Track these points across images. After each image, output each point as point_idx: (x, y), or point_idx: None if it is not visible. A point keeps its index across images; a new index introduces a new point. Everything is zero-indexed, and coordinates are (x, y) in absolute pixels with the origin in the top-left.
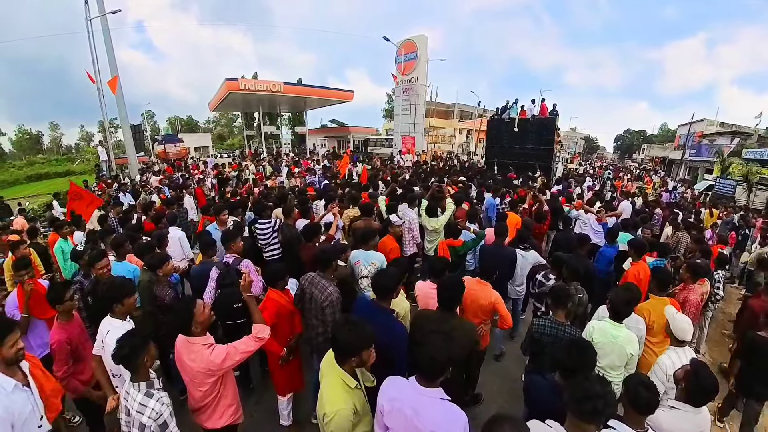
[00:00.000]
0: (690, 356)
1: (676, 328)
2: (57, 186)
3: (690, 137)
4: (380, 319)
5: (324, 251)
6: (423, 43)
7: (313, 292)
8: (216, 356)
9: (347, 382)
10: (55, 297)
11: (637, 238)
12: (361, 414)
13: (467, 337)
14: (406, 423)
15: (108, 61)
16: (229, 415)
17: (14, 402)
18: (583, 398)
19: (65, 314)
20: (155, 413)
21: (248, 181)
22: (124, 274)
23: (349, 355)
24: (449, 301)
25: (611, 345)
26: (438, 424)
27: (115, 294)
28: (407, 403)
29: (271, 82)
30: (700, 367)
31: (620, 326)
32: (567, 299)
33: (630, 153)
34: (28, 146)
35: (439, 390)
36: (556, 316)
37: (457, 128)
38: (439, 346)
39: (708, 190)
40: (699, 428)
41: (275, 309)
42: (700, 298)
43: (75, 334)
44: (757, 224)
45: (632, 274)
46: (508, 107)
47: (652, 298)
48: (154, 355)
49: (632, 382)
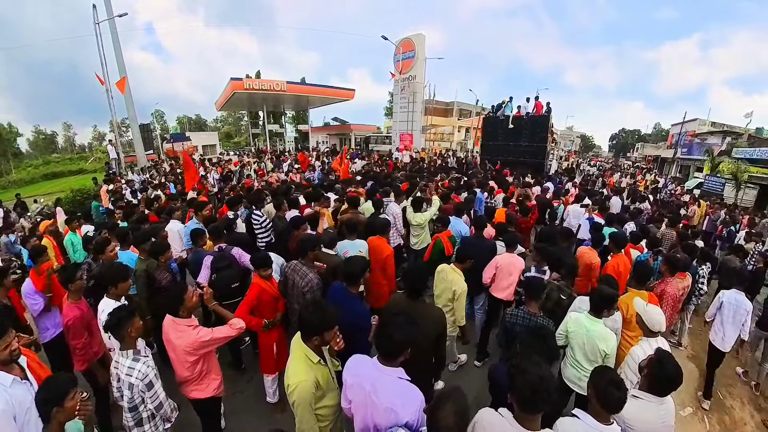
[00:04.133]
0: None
1: (648, 319)
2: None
3: (682, 136)
4: (348, 303)
5: (301, 241)
6: (421, 42)
7: (295, 278)
8: (201, 336)
9: (310, 357)
10: (67, 277)
11: (619, 231)
12: (324, 388)
13: (434, 322)
14: (365, 397)
15: (117, 63)
16: (213, 388)
17: (14, 395)
18: (525, 389)
19: (75, 293)
20: (142, 374)
21: (250, 177)
22: (126, 261)
23: (311, 334)
24: (415, 288)
25: (584, 337)
26: (393, 401)
27: (111, 277)
28: (367, 379)
29: (274, 82)
30: (664, 355)
31: (597, 321)
32: (540, 291)
33: (625, 152)
34: (43, 146)
35: (398, 370)
36: (529, 307)
37: (455, 126)
38: (399, 328)
39: (698, 187)
40: (662, 419)
41: (257, 292)
42: (682, 292)
43: (85, 310)
44: (744, 221)
45: (612, 267)
46: (503, 105)
47: (630, 291)
48: (139, 328)
49: (602, 382)
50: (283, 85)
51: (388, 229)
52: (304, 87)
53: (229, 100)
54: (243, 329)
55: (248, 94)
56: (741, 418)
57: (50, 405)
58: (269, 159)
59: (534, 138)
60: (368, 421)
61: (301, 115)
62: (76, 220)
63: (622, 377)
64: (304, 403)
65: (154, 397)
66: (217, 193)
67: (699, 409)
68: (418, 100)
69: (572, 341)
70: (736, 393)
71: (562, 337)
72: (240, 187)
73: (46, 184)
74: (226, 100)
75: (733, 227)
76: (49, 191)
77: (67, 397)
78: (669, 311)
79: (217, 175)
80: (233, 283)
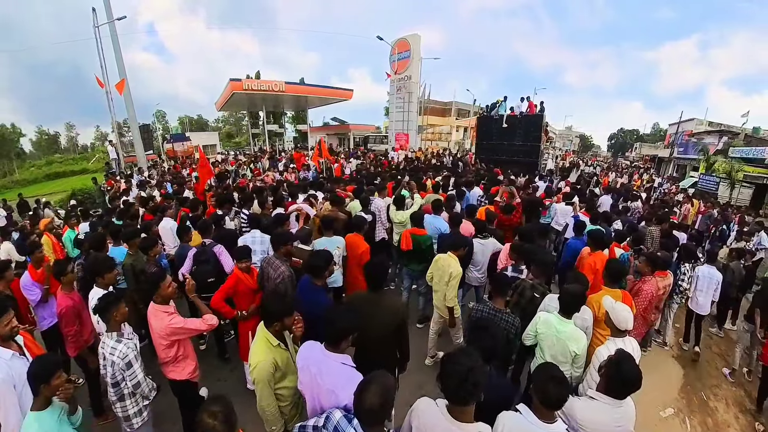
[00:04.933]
0: (632, 348)
1: (616, 317)
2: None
3: (679, 136)
4: (312, 294)
5: (274, 235)
6: (416, 42)
7: (269, 271)
8: (174, 323)
9: (270, 340)
10: (60, 270)
11: (596, 229)
12: (283, 369)
13: (393, 312)
14: (311, 379)
15: (117, 65)
16: (188, 372)
17: (13, 367)
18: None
19: (68, 285)
20: (122, 353)
21: (245, 177)
22: (117, 256)
23: (271, 320)
24: (375, 281)
25: (554, 339)
26: (335, 384)
27: (97, 269)
28: (313, 363)
29: (273, 82)
30: (623, 356)
31: (567, 322)
32: (507, 287)
33: (623, 151)
34: (46, 146)
35: (343, 356)
36: (495, 302)
37: (453, 126)
38: (340, 315)
39: (693, 186)
40: (617, 423)
41: (234, 281)
42: (662, 291)
43: (77, 301)
44: (735, 220)
45: (588, 265)
46: (497, 104)
47: (603, 290)
48: (124, 313)
49: (541, 377)
50: (282, 85)
51: (364, 226)
52: (303, 87)
53: (228, 101)
54: (214, 326)
55: (247, 94)
56: (725, 420)
57: (38, 381)
58: (267, 158)
59: (528, 137)
60: (315, 402)
61: (301, 115)
62: (74, 217)
63: (587, 377)
64: (263, 381)
65: (132, 376)
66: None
67: (680, 410)
68: (413, 99)
69: (542, 342)
70: (721, 394)
71: (530, 337)
72: (234, 186)
73: (48, 184)
74: (226, 101)
75: (726, 226)
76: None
77: (53, 376)
78: (644, 310)
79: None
80: (209, 277)
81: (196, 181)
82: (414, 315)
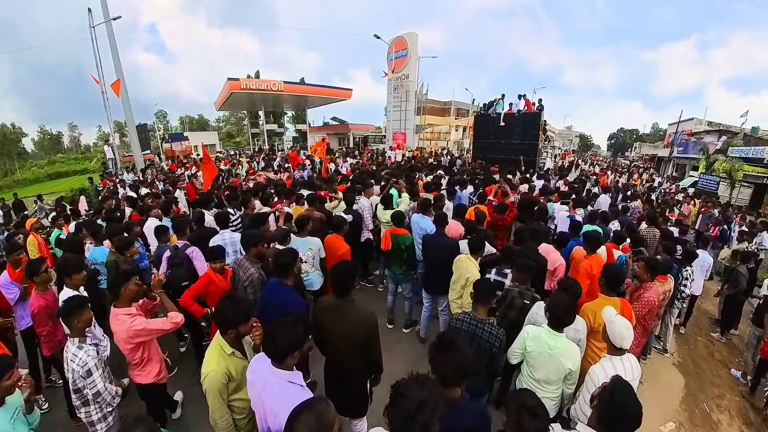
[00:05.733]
0: (631, 369)
1: (612, 332)
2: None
3: (679, 135)
4: (280, 295)
5: (244, 236)
6: (413, 41)
7: (239, 273)
8: (135, 325)
9: (224, 348)
10: (31, 270)
11: (592, 231)
12: (238, 380)
13: (362, 324)
14: (258, 397)
15: (114, 65)
16: (154, 375)
17: None
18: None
19: (42, 285)
20: (82, 361)
21: (238, 176)
22: (99, 256)
23: (225, 327)
24: (342, 287)
25: (546, 356)
26: (279, 405)
27: (65, 269)
28: (260, 379)
29: (272, 82)
30: (619, 386)
31: (559, 335)
32: (489, 294)
33: (623, 151)
34: (49, 146)
35: (292, 374)
36: (476, 311)
37: (452, 125)
38: (283, 329)
39: (693, 186)
40: None
41: (205, 281)
42: (663, 297)
43: (51, 301)
44: (737, 220)
45: (584, 269)
46: (494, 103)
47: (600, 298)
48: (87, 320)
49: (514, 408)
50: (281, 85)
51: (344, 227)
52: (302, 87)
53: (227, 100)
54: (180, 324)
55: (246, 94)
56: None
57: None
58: (262, 158)
59: (525, 136)
60: (262, 422)
61: (300, 115)
62: (62, 217)
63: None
64: (214, 391)
65: (92, 385)
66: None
67: (681, 424)
68: (411, 99)
69: (532, 361)
70: (724, 405)
71: (517, 355)
72: (227, 186)
73: (50, 184)
74: (225, 100)
75: (726, 226)
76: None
77: (2, 377)
78: (643, 317)
79: None
80: (183, 281)
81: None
82: (400, 319)
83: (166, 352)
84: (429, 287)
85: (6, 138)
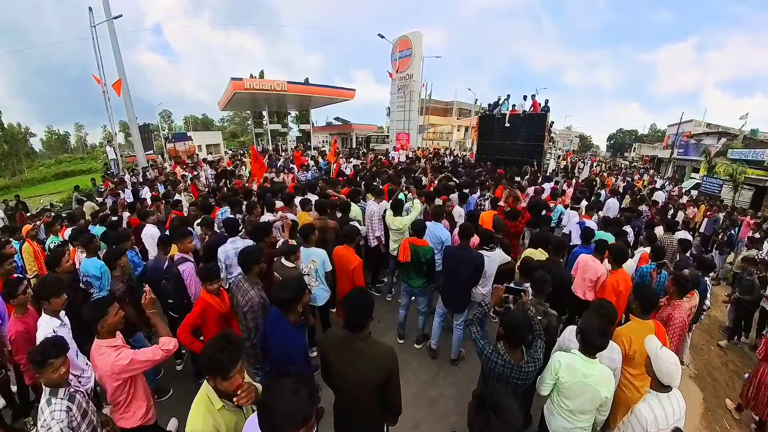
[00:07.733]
0: (678, 408)
1: (660, 369)
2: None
3: (678, 137)
4: (279, 332)
5: (242, 253)
6: (417, 40)
7: (238, 296)
8: (120, 359)
9: (212, 400)
10: (9, 292)
11: (617, 243)
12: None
13: (380, 365)
14: None
15: (116, 65)
16: (140, 416)
17: None
18: None
19: (20, 308)
20: (46, 424)
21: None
22: (91, 269)
23: (213, 374)
24: (356, 321)
25: (582, 386)
26: None
27: (42, 292)
28: None
29: (275, 82)
30: None
31: (593, 362)
32: (522, 338)
33: (622, 152)
34: (56, 146)
35: None
36: (511, 356)
37: (455, 125)
38: (282, 398)
39: (694, 188)
40: None
41: (201, 309)
42: (688, 313)
43: (31, 325)
44: (745, 221)
45: (610, 286)
46: (499, 103)
47: (633, 321)
48: (62, 366)
49: None
50: (284, 85)
51: (356, 238)
52: (305, 87)
53: (230, 100)
54: (172, 352)
55: (250, 94)
56: None
57: None
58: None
59: (531, 137)
60: None
61: (304, 115)
62: (58, 222)
63: None
64: None
65: None
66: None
67: None
68: (414, 99)
69: (566, 391)
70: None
71: (548, 386)
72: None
73: (57, 183)
74: (228, 100)
75: (733, 231)
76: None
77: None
78: (677, 341)
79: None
80: (168, 298)
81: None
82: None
83: (161, 371)
84: (447, 302)
85: (15, 138)
